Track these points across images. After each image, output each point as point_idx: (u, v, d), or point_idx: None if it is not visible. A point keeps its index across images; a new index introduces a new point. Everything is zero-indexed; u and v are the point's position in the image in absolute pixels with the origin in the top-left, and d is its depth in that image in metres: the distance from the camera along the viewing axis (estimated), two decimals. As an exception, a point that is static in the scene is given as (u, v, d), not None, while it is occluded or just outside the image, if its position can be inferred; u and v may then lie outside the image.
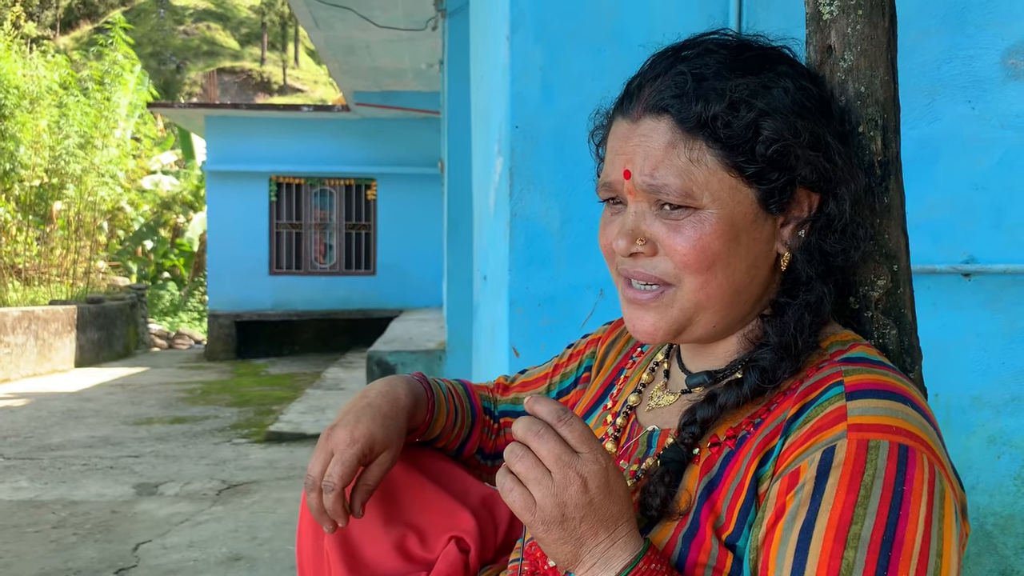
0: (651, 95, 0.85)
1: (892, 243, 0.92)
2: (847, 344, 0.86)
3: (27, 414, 7.43)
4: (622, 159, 0.86)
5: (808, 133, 0.83)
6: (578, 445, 0.78)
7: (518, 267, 2.33)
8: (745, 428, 0.84)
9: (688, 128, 0.83)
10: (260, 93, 34.38)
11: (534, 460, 0.77)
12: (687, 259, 0.84)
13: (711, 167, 0.83)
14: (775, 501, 0.77)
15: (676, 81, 0.84)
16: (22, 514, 4.24)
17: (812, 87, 0.86)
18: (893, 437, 0.75)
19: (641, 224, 0.86)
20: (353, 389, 7.96)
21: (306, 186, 12.70)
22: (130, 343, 13.45)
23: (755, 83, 0.83)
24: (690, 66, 0.85)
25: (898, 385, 0.80)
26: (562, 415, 0.78)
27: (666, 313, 0.87)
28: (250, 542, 3.74)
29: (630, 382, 1.07)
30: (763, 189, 0.83)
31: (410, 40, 8.17)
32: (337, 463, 1.02)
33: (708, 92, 0.83)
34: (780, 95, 0.83)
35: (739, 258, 0.85)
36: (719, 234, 0.83)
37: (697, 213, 0.83)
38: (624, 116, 0.88)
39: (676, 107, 0.83)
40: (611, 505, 0.78)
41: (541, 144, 2.30)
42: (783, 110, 0.83)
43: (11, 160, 12.15)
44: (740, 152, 0.82)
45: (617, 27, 2.28)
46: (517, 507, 0.78)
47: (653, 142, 0.84)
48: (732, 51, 0.86)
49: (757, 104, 0.82)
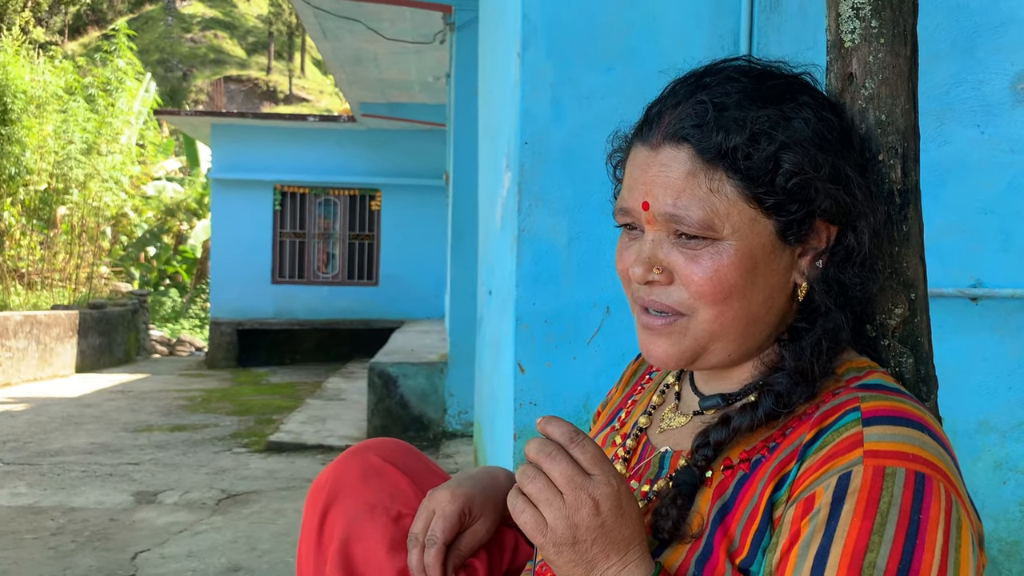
0: (671, 123, 0.85)
1: (910, 271, 0.92)
2: (863, 371, 0.86)
3: (27, 419, 7.42)
4: (641, 187, 0.86)
5: (829, 166, 0.83)
6: (590, 467, 0.78)
7: (525, 283, 2.33)
8: (759, 452, 0.84)
9: (708, 158, 0.82)
10: (266, 102, 34.50)
11: (546, 481, 0.77)
12: (703, 290, 0.84)
13: (731, 198, 0.82)
14: (790, 526, 0.76)
15: (696, 110, 0.84)
16: (21, 520, 4.22)
17: (833, 118, 0.86)
18: (910, 465, 0.74)
19: (658, 252, 0.86)
20: (354, 400, 7.95)
21: (310, 195, 12.72)
22: (131, 349, 13.44)
23: (776, 114, 0.83)
24: (711, 95, 0.84)
25: (915, 413, 0.79)
26: (574, 436, 0.78)
27: (680, 341, 0.87)
28: (249, 553, 3.72)
29: (639, 404, 1.06)
30: (782, 221, 0.83)
31: (417, 53, 8.20)
32: (439, 518, 1.04)
33: (729, 122, 0.82)
34: (801, 126, 0.83)
35: (756, 289, 0.84)
36: (737, 266, 0.83)
37: (715, 244, 0.83)
38: (643, 143, 0.87)
39: (696, 137, 0.83)
40: (623, 528, 0.78)
41: (550, 161, 2.30)
42: (804, 142, 0.82)
43: (16, 164, 12.18)
44: (760, 183, 0.82)
45: (628, 46, 2.28)
46: (528, 528, 0.78)
47: (673, 171, 0.84)
48: (753, 80, 0.86)
49: (778, 136, 0.82)
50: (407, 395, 6.30)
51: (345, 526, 1.10)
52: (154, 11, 39.27)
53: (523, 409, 2.36)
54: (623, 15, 2.27)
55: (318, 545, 1.12)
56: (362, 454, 1.16)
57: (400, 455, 1.17)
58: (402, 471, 1.14)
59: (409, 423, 6.28)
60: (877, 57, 0.89)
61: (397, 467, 1.15)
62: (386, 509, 1.11)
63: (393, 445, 1.19)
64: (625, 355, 2.32)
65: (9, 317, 10.02)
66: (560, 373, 2.33)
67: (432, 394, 6.31)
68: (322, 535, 1.12)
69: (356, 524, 1.10)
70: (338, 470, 1.15)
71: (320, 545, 1.11)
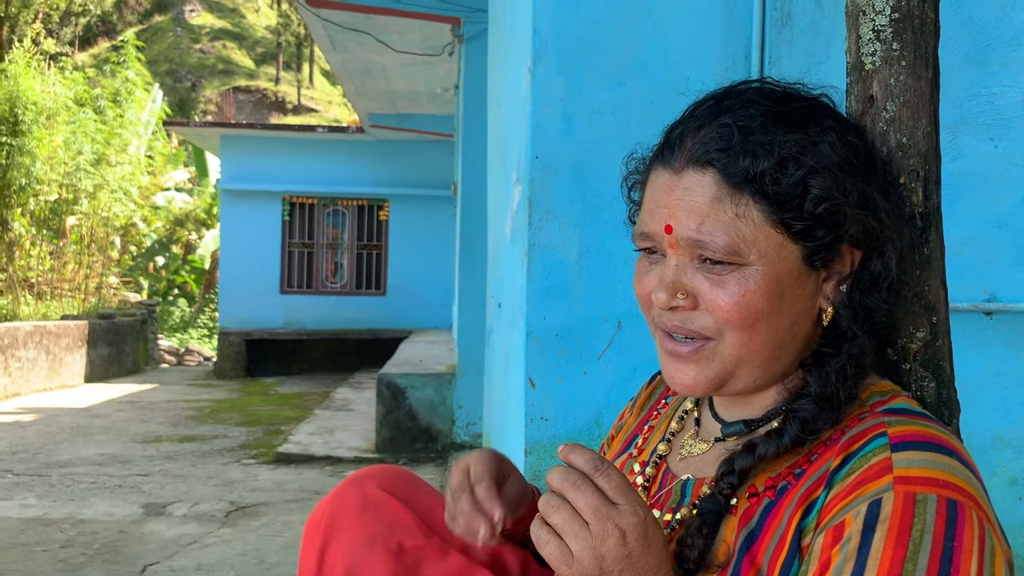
0: (695, 147, 0.83)
1: (931, 295, 0.91)
2: (887, 395, 0.85)
3: (36, 430, 7.43)
4: (664, 212, 0.84)
5: (857, 191, 0.82)
6: (616, 496, 0.76)
7: (535, 297, 2.32)
8: (785, 479, 0.83)
9: (735, 183, 0.81)
10: (274, 112, 34.64)
11: (571, 512, 0.76)
12: (730, 316, 0.82)
13: (757, 223, 0.81)
14: (819, 555, 0.75)
15: (721, 133, 0.82)
16: (31, 532, 4.22)
17: (857, 141, 0.85)
18: (941, 491, 0.73)
19: (682, 277, 0.84)
20: (363, 410, 7.94)
21: (319, 206, 12.75)
22: (140, 359, 13.47)
23: (803, 139, 0.82)
24: (734, 118, 0.83)
25: (943, 438, 0.78)
26: (599, 465, 0.77)
27: (707, 367, 0.86)
28: (258, 566, 3.71)
29: (656, 431, 1.05)
30: (809, 246, 0.82)
31: (426, 65, 8.22)
32: (477, 463, 1.01)
33: (755, 146, 0.81)
34: (827, 151, 0.82)
35: (783, 315, 0.83)
36: (764, 291, 0.82)
37: (742, 269, 0.82)
38: (665, 166, 0.86)
39: (722, 161, 0.81)
40: (650, 558, 0.76)
41: (560, 175, 2.29)
42: (832, 167, 0.81)
43: (27, 175, 12.24)
44: (788, 209, 0.81)
45: (638, 61, 2.28)
46: (554, 560, 0.76)
47: (697, 196, 0.82)
48: (776, 102, 0.85)
49: (806, 161, 0.81)
50: (415, 406, 6.29)
51: (346, 565, 1.06)
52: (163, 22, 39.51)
53: (534, 424, 2.34)
54: (634, 30, 2.27)
55: None
56: (359, 484, 1.13)
57: (399, 484, 1.14)
58: (401, 501, 1.11)
59: (417, 434, 6.26)
60: (898, 80, 0.88)
61: (396, 497, 1.11)
62: (385, 542, 1.07)
63: (392, 473, 1.16)
64: (636, 370, 2.31)
65: (19, 327, 10.05)
66: (571, 388, 2.32)
67: (440, 405, 6.29)
68: (321, 572, 1.09)
69: (356, 560, 1.06)
70: (335, 503, 1.12)
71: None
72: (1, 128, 11.79)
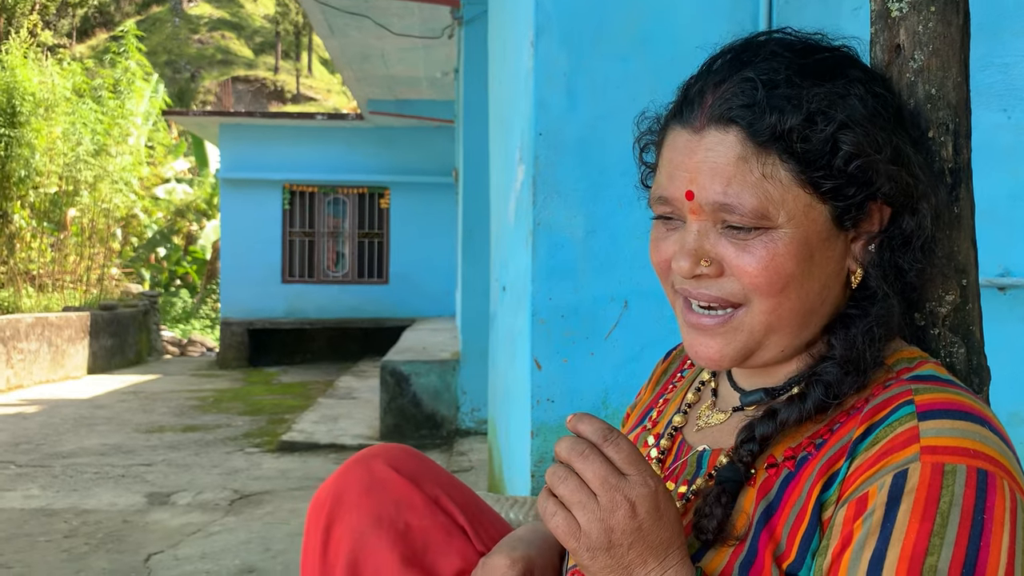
0: (716, 103, 0.78)
1: (962, 256, 0.87)
2: (914, 361, 0.80)
3: (40, 421, 7.41)
4: (684, 176, 0.79)
5: (890, 146, 0.77)
6: (625, 467, 0.73)
7: (540, 278, 2.28)
8: (806, 449, 0.79)
9: (761, 141, 0.76)
10: (274, 102, 34.54)
11: (578, 483, 0.72)
12: (758, 282, 0.78)
13: (785, 183, 0.76)
14: (841, 528, 0.71)
15: (744, 88, 0.77)
16: (34, 523, 4.20)
17: (886, 93, 0.80)
18: (971, 461, 0.69)
19: (705, 244, 0.79)
20: (366, 398, 7.92)
21: (319, 194, 12.70)
22: (142, 350, 13.46)
23: (830, 92, 0.77)
24: (757, 71, 0.77)
25: (973, 406, 0.74)
26: (608, 434, 0.73)
27: (734, 339, 0.81)
28: (263, 554, 3.69)
29: (671, 403, 1.01)
30: (840, 206, 0.77)
31: (425, 48, 8.16)
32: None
33: (782, 102, 0.76)
34: (857, 104, 0.77)
35: (812, 279, 0.79)
36: (792, 255, 0.77)
37: (769, 232, 0.77)
38: (684, 125, 0.80)
39: (747, 118, 0.76)
40: (661, 531, 0.73)
41: (565, 152, 2.25)
42: (862, 121, 0.76)
43: (26, 167, 12.19)
44: (818, 167, 0.76)
45: (643, 33, 2.23)
46: (560, 532, 0.73)
47: (721, 156, 0.77)
48: (798, 54, 0.79)
49: (836, 115, 0.76)
50: (419, 393, 6.26)
51: (351, 543, 1.04)
52: (161, 13, 39.34)
53: (540, 406, 2.31)
54: (638, 2, 2.22)
55: (323, 564, 1.06)
56: (366, 462, 1.10)
57: (407, 462, 1.11)
58: (408, 478, 1.08)
59: (422, 421, 6.24)
60: (927, 27, 0.84)
61: (403, 475, 1.08)
62: (392, 521, 1.05)
63: (400, 451, 1.12)
64: (644, 350, 2.27)
65: (21, 319, 10.03)
66: (578, 369, 2.28)
67: (445, 392, 6.27)
68: (327, 554, 1.06)
69: (362, 540, 1.04)
70: (339, 483, 1.09)
71: (325, 564, 1.06)
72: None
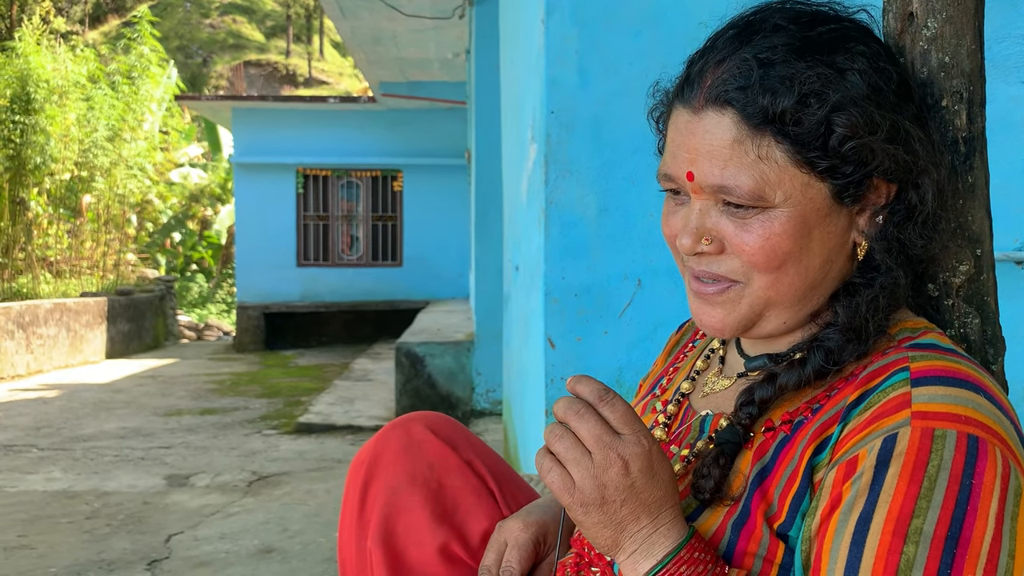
0: (714, 84, 0.78)
1: (976, 226, 0.86)
2: (918, 331, 0.81)
3: (60, 405, 7.49)
4: (685, 156, 0.81)
5: (887, 125, 0.77)
6: (620, 426, 0.75)
7: (553, 257, 2.28)
8: (803, 413, 0.80)
9: (755, 124, 0.76)
10: (286, 86, 34.52)
11: (574, 440, 0.75)
12: (756, 259, 0.79)
13: (781, 164, 0.77)
14: (830, 490, 0.72)
15: (741, 69, 0.77)
16: (56, 505, 4.26)
17: (890, 67, 0.80)
18: (962, 427, 0.70)
19: (706, 222, 0.81)
20: (382, 380, 7.95)
21: (333, 178, 12.71)
22: (159, 335, 13.56)
23: (828, 71, 0.76)
24: (756, 50, 0.77)
25: (971, 373, 0.74)
26: (604, 395, 0.76)
27: (734, 309, 0.83)
28: (281, 534, 3.72)
29: (681, 371, 1.02)
30: (837, 184, 0.78)
31: (436, 29, 8.13)
32: (514, 548, 1.01)
33: (775, 83, 0.76)
34: (856, 81, 0.76)
35: (812, 255, 0.80)
36: (790, 233, 0.78)
37: (767, 212, 0.78)
38: (685, 105, 0.81)
39: (741, 101, 0.76)
40: (654, 489, 0.75)
41: (577, 130, 2.24)
42: (859, 100, 0.76)
43: (42, 154, 12.26)
44: (812, 148, 0.76)
45: (655, 9, 2.21)
46: (555, 488, 0.76)
47: (717, 139, 0.78)
48: (802, 27, 0.79)
49: (830, 96, 0.75)
50: (434, 374, 6.28)
51: (386, 500, 1.09)
52: (173, -2, 39.31)
53: (554, 385, 2.32)
54: (650, -23, 2.20)
55: (360, 519, 1.11)
56: (404, 425, 1.15)
57: (444, 426, 1.16)
58: (444, 441, 1.13)
59: (437, 402, 6.27)
60: (941, -7, 0.83)
61: (440, 437, 1.13)
62: (426, 480, 1.10)
63: (437, 417, 1.18)
64: (658, 328, 2.27)
65: (39, 305, 10.12)
66: (591, 347, 2.28)
67: (459, 373, 6.29)
68: (363, 509, 1.11)
69: (396, 497, 1.09)
70: (379, 444, 1.14)
71: (362, 519, 1.11)
72: (14, 107, 11.80)
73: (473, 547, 1.07)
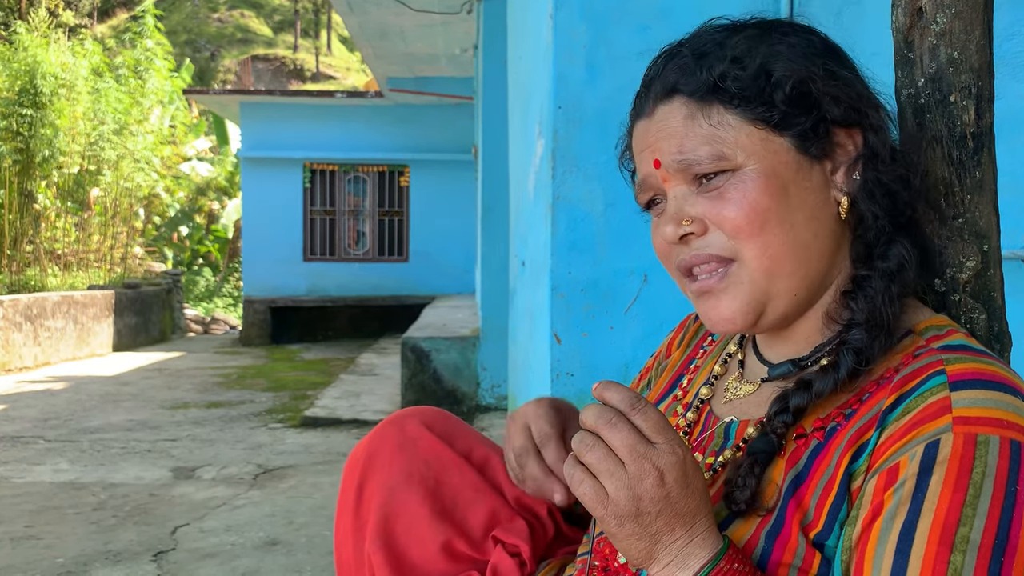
0: (657, 85, 0.85)
1: (983, 221, 0.86)
2: (943, 329, 0.80)
3: (67, 397, 7.53)
4: (648, 152, 0.85)
5: (820, 67, 0.81)
6: (653, 435, 0.73)
7: (560, 252, 2.28)
8: (835, 420, 0.79)
9: (700, 97, 0.81)
10: (293, 80, 34.55)
11: (606, 450, 0.72)
12: (738, 223, 0.80)
13: (735, 125, 0.81)
14: (871, 499, 0.71)
15: (678, 63, 0.84)
16: (63, 496, 4.28)
17: (817, 37, 0.85)
18: (1004, 432, 0.69)
19: (684, 206, 0.83)
20: (388, 375, 7.97)
21: (339, 172, 12.72)
22: (166, 328, 13.60)
23: (755, 34, 0.83)
24: (689, 47, 0.85)
25: (1006, 376, 0.73)
26: (635, 403, 0.73)
27: (739, 293, 0.82)
28: (287, 527, 3.74)
29: (701, 372, 1.01)
30: (795, 133, 0.81)
31: (444, 25, 8.12)
32: (538, 420, 1.02)
33: (709, 59, 0.82)
34: (779, 42, 0.83)
35: (793, 211, 0.81)
36: (764, 189, 0.80)
37: (736, 174, 0.81)
38: (640, 117, 0.87)
39: (683, 82, 0.82)
40: (689, 499, 0.73)
41: (584, 125, 2.24)
42: (788, 53, 0.82)
43: (50, 147, 12.28)
44: (758, 102, 0.80)
45: (664, 3, 2.21)
46: (588, 500, 0.73)
47: (671, 123, 0.83)
48: (731, 26, 0.86)
49: (760, 50, 0.82)
50: (440, 369, 6.29)
51: (383, 500, 1.07)
52: (181, -8, 39.36)
53: (560, 380, 2.32)
54: (658, -28, 2.20)
55: (356, 519, 1.09)
56: (399, 422, 1.13)
57: (439, 421, 1.14)
58: (440, 437, 1.11)
59: (443, 397, 6.28)
60: (949, -12, 0.83)
61: (435, 433, 1.11)
62: (423, 478, 1.08)
63: (432, 412, 1.15)
64: (664, 324, 2.27)
65: (47, 297, 10.16)
66: (597, 343, 2.28)
67: (465, 368, 6.30)
68: (360, 509, 1.09)
69: (393, 496, 1.07)
70: (373, 442, 1.12)
71: (358, 519, 1.09)
72: (22, 100, 11.83)
73: (476, 541, 1.06)
